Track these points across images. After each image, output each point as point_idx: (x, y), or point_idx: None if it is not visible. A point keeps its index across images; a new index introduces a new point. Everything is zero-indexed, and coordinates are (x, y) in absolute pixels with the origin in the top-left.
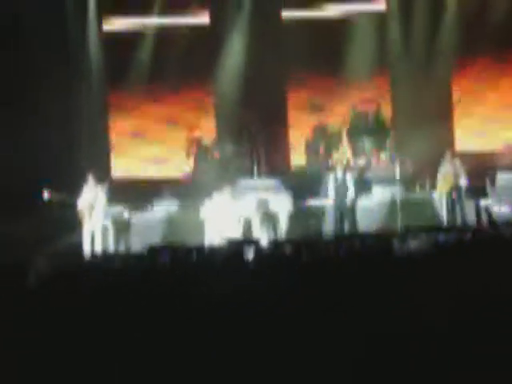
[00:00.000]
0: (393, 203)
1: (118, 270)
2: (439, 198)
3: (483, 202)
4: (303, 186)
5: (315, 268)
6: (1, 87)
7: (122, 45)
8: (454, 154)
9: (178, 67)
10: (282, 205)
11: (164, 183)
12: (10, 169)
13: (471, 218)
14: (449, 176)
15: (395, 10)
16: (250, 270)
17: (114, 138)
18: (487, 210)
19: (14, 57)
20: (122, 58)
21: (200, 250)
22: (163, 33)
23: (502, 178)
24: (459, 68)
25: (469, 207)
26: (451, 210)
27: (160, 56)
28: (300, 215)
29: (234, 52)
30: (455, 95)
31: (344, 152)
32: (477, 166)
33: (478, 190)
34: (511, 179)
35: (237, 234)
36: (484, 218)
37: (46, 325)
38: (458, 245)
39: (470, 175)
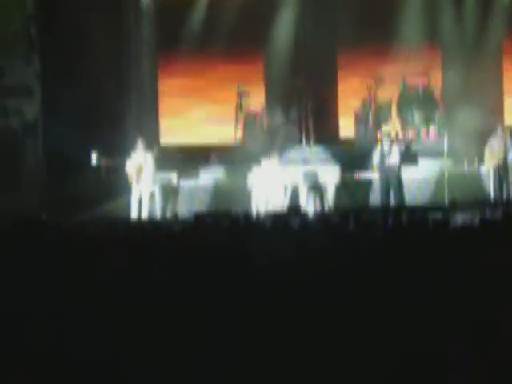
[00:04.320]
0: (440, 177)
1: (163, 234)
2: (487, 172)
3: None
4: (351, 157)
5: (361, 237)
6: (52, 51)
7: (174, 8)
8: (505, 129)
9: (229, 34)
10: (330, 176)
11: (212, 149)
12: (61, 132)
13: None
14: (497, 151)
15: None
16: (296, 238)
17: (163, 102)
18: None
19: (66, 17)
20: (174, 22)
21: (247, 217)
22: None
23: None
24: (510, 43)
25: None
26: (498, 185)
27: (211, 22)
28: (347, 187)
29: (286, 20)
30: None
31: (393, 124)
32: None
33: None
34: None
35: (283, 203)
36: None
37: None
38: (504, 220)
39: None
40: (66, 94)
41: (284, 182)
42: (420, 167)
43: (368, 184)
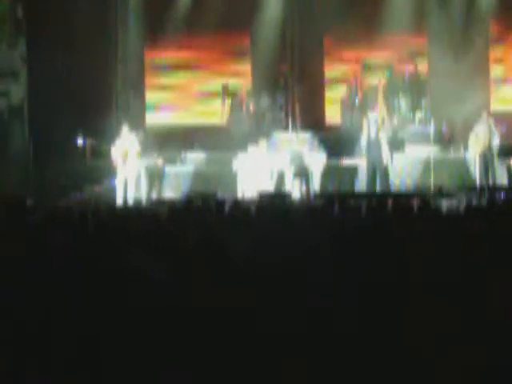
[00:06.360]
0: (427, 163)
1: (150, 217)
2: (472, 158)
3: None
4: (337, 143)
5: (346, 222)
6: (38, 34)
7: None
8: (490, 116)
9: (216, 17)
10: (316, 160)
11: (198, 133)
12: (47, 115)
13: (504, 179)
14: (482, 137)
15: None
16: (281, 222)
17: (149, 83)
18: None
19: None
20: (161, 3)
21: (232, 201)
22: None
23: None
24: (497, 30)
25: (502, 169)
26: (484, 171)
27: (199, 4)
28: (333, 172)
29: (273, 5)
30: None
31: (379, 110)
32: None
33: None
34: None
35: (269, 187)
36: None
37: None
38: (490, 206)
39: (505, 136)
40: (52, 77)
41: (270, 167)
42: (406, 154)
43: (354, 170)
